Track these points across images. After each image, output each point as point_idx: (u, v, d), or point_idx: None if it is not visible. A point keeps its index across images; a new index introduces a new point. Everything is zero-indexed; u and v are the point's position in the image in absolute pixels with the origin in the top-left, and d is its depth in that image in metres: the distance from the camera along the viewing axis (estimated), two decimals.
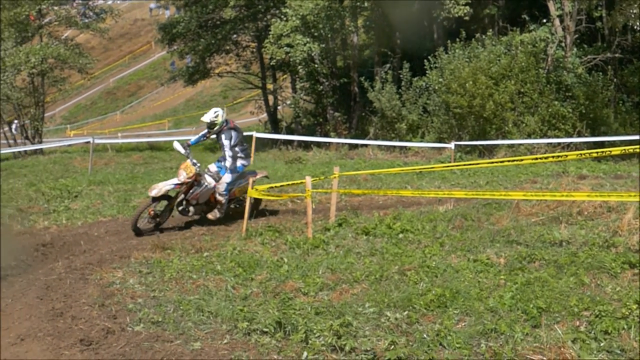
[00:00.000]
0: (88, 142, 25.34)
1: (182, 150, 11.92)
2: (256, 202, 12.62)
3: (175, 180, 11.73)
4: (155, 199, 11.68)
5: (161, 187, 11.58)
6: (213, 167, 12.04)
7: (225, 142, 11.87)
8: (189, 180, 11.69)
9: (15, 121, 33.47)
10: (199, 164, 11.86)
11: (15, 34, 31.73)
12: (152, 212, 11.70)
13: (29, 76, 31.96)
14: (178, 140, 12.45)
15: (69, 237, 11.46)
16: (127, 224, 12.48)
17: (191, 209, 12.10)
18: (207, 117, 11.96)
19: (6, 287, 8.71)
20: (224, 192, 12.06)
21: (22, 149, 30.20)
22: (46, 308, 7.44)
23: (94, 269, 9.25)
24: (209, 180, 11.79)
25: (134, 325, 6.77)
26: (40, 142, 32.14)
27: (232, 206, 12.62)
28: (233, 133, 12.06)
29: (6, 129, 32.77)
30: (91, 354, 6.08)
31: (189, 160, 11.78)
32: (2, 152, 30.53)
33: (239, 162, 12.17)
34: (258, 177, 12.71)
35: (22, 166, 24.64)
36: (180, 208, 12.08)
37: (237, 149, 12.09)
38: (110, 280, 8.60)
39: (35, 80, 32.35)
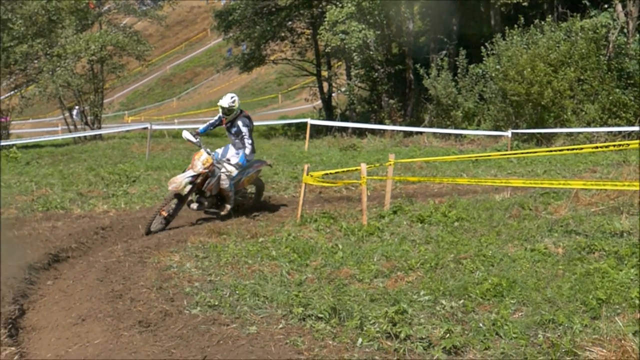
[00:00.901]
0: (145, 128, 25.74)
1: (194, 139, 11.24)
2: (258, 192, 12.48)
3: (191, 172, 11.01)
4: (177, 196, 11.02)
5: (180, 180, 10.90)
6: (232, 157, 11.55)
7: (245, 130, 11.44)
8: (206, 170, 11.08)
9: (77, 107, 34.16)
10: (213, 153, 11.35)
11: (75, 21, 32.32)
12: (164, 213, 10.97)
13: (89, 63, 32.57)
14: (187, 129, 11.97)
15: (127, 221, 11.66)
16: (184, 208, 12.66)
17: (205, 202, 11.51)
18: (225, 102, 11.41)
19: (67, 269, 8.94)
20: (232, 183, 11.50)
21: (81, 134, 30.83)
22: (106, 290, 7.59)
23: (152, 253, 9.42)
24: (229, 169, 11.21)
25: (191, 309, 6.87)
26: (99, 128, 32.77)
27: (239, 198, 12.07)
28: (248, 121, 11.72)
29: (67, 114, 33.45)
30: (150, 335, 6.19)
31: (202, 150, 11.17)
32: (63, 137, 31.27)
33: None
34: (264, 166, 12.61)
35: (82, 151, 25.14)
36: (193, 202, 11.47)
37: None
38: (168, 263, 8.74)
39: (95, 67, 32.96)
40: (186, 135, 11.30)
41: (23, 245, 9.78)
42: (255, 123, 35.70)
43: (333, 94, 33.62)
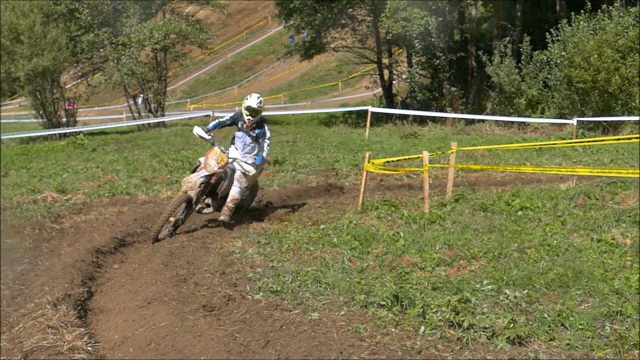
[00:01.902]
0: (208, 116, 26.07)
1: (206, 136, 10.12)
2: (252, 194, 11.26)
3: (204, 172, 10.00)
4: (187, 200, 9.97)
5: (195, 181, 9.91)
6: (248, 157, 10.49)
7: (269, 133, 10.62)
8: (220, 170, 10.09)
9: (141, 95, 34.76)
10: (227, 151, 10.43)
11: (139, 10, 32.90)
12: (172, 220, 9.79)
13: (153, 51, 33.10)
14: (198, 125, 10.89)
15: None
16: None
17: (213, 205, 10.66)
18: (254, 102, 10.31)
19: (133, 253, 9.13)
20: (245, 186, 10.51)
21: (145, 121, 31.40)
22: (170, 274, 7.72)
23: (215, 238, 9.54)
24: (247, 169, 10.24)
25: (253, 294, 6.94)
26: (163, 115, 33.29)
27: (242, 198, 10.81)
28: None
29: (131, 102, 34.08)
30: (213, 319, 6.28)
31: (216, 148, 10.11)
32: (127, 124, 31.88)
33: None
34: (265, 164, 11.48)
35: (146, 138, 25.60)
36: (199, 206, 10.52)
37: None
38: (230, 249, 8.84)
39: (158, 55, 33.46)
40: (198, 131, 10.16)
41: (90, 230, 10.02)
42: (315, 111, 35.74)
43: (394, 82, 33.36)
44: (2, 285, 7.54)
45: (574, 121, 21.86)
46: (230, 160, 10.27)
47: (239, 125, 10.46)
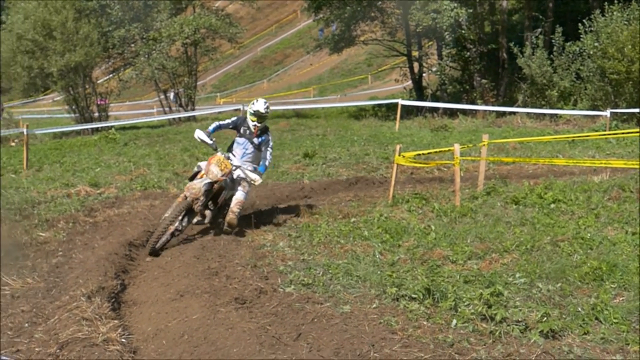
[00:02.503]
0: (238, 110, 26.12)
1: (209, 141, 9.41)
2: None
3: (207, 179, 9.21)
4: (187, 209, 9.20)
5: (199, 188, 9.14)
6: (248, 165, 9.76)
7: (271, 142, 9.99)
8: (224, 177, 9.33)
9: (172, 90, 34.97)
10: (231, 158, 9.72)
11: (170, 5, 33.07)
12: (172, 229, 9.04)
13: (183, 46, 33.25)
14: (200, 128, 10.06)
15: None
16: (276, 188, 12.81)
17: (208, 214, 9.77)
18: (262, 107, 9.72)
19: (165, 246, 9.19)
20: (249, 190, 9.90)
21: (176, 115, 31.59)
22: (202, 267, 7.78)
23: (246, 232, 9.59)
24: (253, 177, 9.47)
25: (285, 287, 6.96)
26: (193, 110, 33.47)
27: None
28: None
29: (162, 96, 34.30)
30: (245, 312, 6.31)
31: (219, 153, 9.43)
32: (159, 118, 32.11)
33: None
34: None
35: (177, 132, 25.76)
36: (197, 218, 9.63)
37: None
38: (261, 242, 8.88)
39: (189, 50, 33.61)
40: (199, 135, 9.44)
41: (123, 223, 10.12)
42: (344, 104, 35.61)
43: (424, 74, 33.16)
44: (37, 278, 7.65)
45: (607, 113, 21.57)
46: (234, 167, 9.52)
47: (241, 131, 9.77)
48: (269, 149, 9.87)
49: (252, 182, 9.50)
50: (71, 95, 31.29)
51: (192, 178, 9.57)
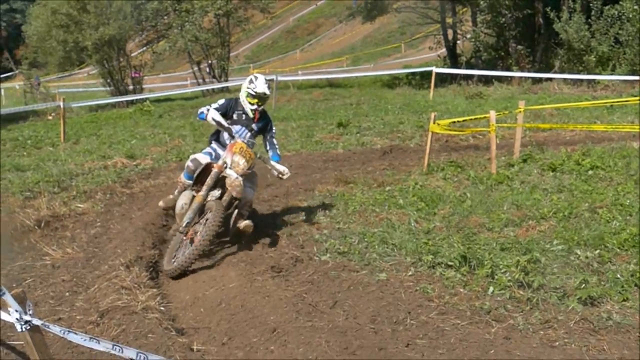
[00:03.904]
0: (271, 80, 26.07)
1: (225, 123, 7.62)
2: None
3: (230, 172, 7.37)
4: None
5: (238, 182, 7.35)
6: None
7: (274, 127, 8.27)
8: (249, 171, 7.57)
9: (206, 61, 35.03)
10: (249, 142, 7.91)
11: None
12: (191, 235, 7.21)
13: (215, 17, 33.30)
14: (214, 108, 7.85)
15: (257, 171, 11.93)
16: (310, 158, 12.82)
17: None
18: (265, 87, 7.81)
19: None
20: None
21: (210, 87, 31.69)
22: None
23: (281, 201, 9.62)
24: (281, 169, 7.79)
25: (320, 255, 6.98)
26: (226, 81, 33.53)
27: None
28: None
29: (195, 68, 34.41)
30: (282, 280, 6.35)
31: (239, 139, 7.65)
32: (192, 90, 32.21)
33: None
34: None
35: (211, 103, 25.84)
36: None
37: None
38: (294, 213, 8.90)
39: (221, 21, 33.65)
40: (214, 116, 7.55)
41: (159, 194, 10.22)
42: (378, 73, 35.40)
43: (458, 42, 32.79)
44: (76, 248, 7.77)
45: None
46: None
47: (235, 117, 7.83)
48: (272, 134, 8.08)
49: (280, 175, 7.79)
50: (106, 68, 31.61)
51: (192, 180, 7.63)
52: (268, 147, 8.04)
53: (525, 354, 4.86)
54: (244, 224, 7.43)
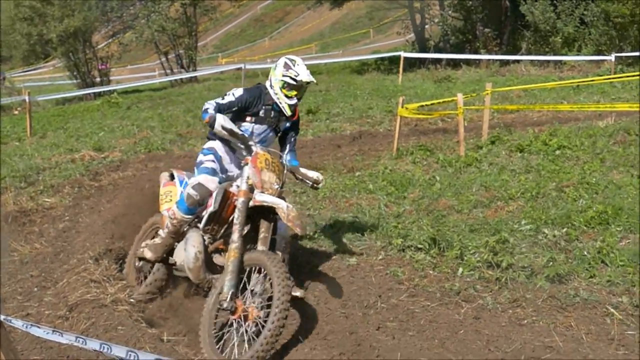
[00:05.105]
0: (239, 69, 26.02)
1: (238, 130, 5.49)
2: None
3: (265, 195, 5.23)
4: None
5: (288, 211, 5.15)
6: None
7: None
8: (283, 191, 5.57)
9: (175, 52, 34.71)
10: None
11: None
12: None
13: (182, 6, 32.94)
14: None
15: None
16: None
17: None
18: (306, 72, 5.68)
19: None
20: None
21: (178, 77, 31.44)
22: None
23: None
24: (315, 177, 6.02)
25: None
26: (195, 70, 33.29)
27: None
28: None
29: (163, 59, 34.11)
30: None
31: (259, 148, 5.48)
32: (160, 81, 31.95)
33: None
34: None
35: (179, 94, 25.66)
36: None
37: None
38: None
39: (188, 10, 33.29)
40: (223, 122, 5.37)
41: (128, 186, 10.13)
42: (347, 59, 35.35)
43: (426, 26, 32.82)
44: (44, 243, 7.69)
45: (612, 57, 21.31)
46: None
47: (261, 114, 5.78)
48: (297, 133, 6.19)
49: (315, 184, 6.05)
50: (72, 61, 31.20)
51: (210, 218, 5.49)
52: (287, 150, 6.04)
53: (494, 332, 4.93)
54: (299, 292, 5.26)
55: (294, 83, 5.65)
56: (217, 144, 5.82)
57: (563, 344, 4.73)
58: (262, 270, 4.93)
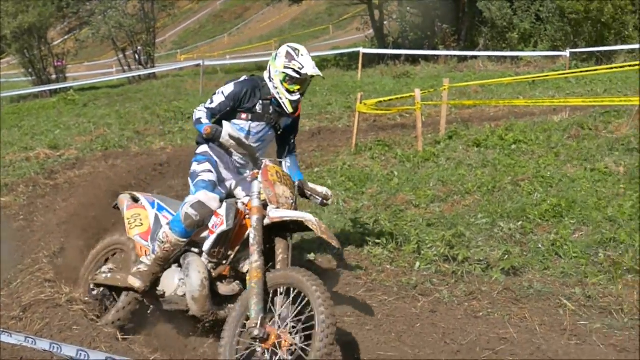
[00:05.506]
0: (198, 65, 25.83)
1: (244, 139, 4.79)
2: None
3: (284, 211, 4.66)
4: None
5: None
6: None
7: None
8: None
9: (133, 48, 34.32)
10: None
11: None
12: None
13: (140, 2, 32.63)
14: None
15: (184, 157, 11.73)
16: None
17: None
18: (311, 65, 5.01)
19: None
20: None
21: (136, 74, 31.12)
22: None
23: None
24: (325, 192, 5.42)
25: None
26: (153, 67, 32.99)
27: None
28: None
29: (121, 55, 33.73)
30: None
31: (267, 160, 4.84)
32: (118, 77, 31.57)
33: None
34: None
35: (137, 91, 25.41)
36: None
37: None
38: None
39: (146, 6, 32.99)
40: (231, 131, 4.66)
41: (84, 184, 10.01)
42: None
43: (385, 22, 32.96)
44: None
45: (567, 53, 21.66)
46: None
47: (258, 109, 5.05)
48: (294, 135, 5.44)
49: (325, 200, 5.41)
50: (27, 57, 30.69)
51: (217, 240, 4.83)
52: (285, 154, 5.34)
53: (450, 325, 4.98)
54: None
55: (298, 76, 4.93)
56: (209, 148, 5.12)
57: (517, 335, 4.81)
58: (292, 290, 4.29)
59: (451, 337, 4.85)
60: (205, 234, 4.87)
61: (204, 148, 5.14)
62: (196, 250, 4.97)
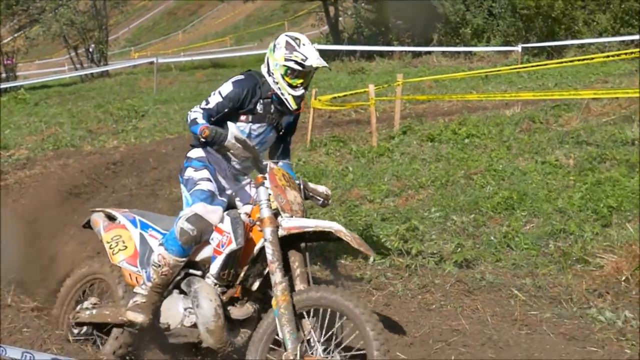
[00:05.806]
0: (152, 63, 25.53)
1: (249, 141, 4.24)
2: None
3: (296, 220, 4.12)
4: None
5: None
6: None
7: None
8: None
9: (93, 45, 33.78)
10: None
11: None
12: None
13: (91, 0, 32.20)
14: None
15: (138, 155, 11.66)
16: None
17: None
18: (316, 55, 4.46)
19: (80, 204, 8.99)
20: None
21: (88, 72, 30.69)
22: None
23: (163, 185, 9.46)
24: (326, 192, 4.90)
25: None
26: (106, 65, 32.55)
27: None
28: None
29: (72, 53, 33.22)
30: None
31: (271, 163, 4.38)
32: (70, 75, 31.08)
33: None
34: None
35: (90, 89, 25.07)
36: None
37: None
38: (179, 195, 8.75)
39: (97, 3, 32.55)
40: (236, 133, 4.15)
41: (35, 184, 9.85)
42: (262, 52, 35.20)
43: (340, 18, 33.03)
44: None
45: (518, 48, 21.96)
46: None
47: (259, 109, 4.58)
48: (291, 134, 4.95)
49: (326, 200, 4.86)
50: None
51: (227, 262, 4.22)
52: (280, 152, 4.88)
53: (404, 318, 5.02)
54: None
55: (301, 69, 4.41)
56: (206, 152, 4.65)
57: (469, 326, 4.86)
58: (324, 312, 3.86)
59: (404, 330, 4.88)
60: (205, 252, 4.35)
61: (199, 152, 4.67)
62: (197, 272, 4.41)
